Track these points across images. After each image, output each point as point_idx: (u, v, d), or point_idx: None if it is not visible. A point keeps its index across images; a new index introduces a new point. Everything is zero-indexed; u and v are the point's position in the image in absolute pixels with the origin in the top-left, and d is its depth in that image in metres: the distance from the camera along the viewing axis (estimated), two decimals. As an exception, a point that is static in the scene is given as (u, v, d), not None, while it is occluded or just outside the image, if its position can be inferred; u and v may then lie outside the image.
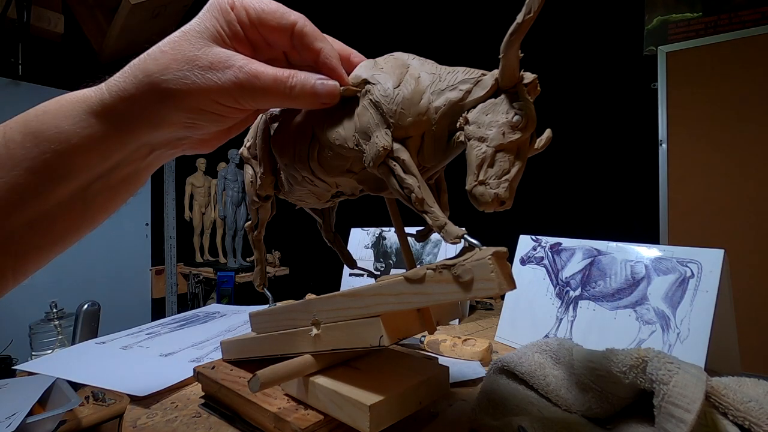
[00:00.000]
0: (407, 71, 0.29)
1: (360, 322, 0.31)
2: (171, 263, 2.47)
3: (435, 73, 0.28)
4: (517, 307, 0.65)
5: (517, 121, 0.25)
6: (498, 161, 0.25)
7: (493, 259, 0.23)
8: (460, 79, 0.27)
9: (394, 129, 0.28)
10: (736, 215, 1.52)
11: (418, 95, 0.28)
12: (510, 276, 0.24)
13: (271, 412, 0.35)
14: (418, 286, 0.27)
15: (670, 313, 0.50)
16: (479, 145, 0.25)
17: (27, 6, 1.73)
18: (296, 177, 0.36)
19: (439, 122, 0.28)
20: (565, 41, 1.78)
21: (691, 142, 1.61)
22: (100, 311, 0.75)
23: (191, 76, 0.24)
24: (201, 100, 0.25)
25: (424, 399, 0.35)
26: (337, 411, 0.33)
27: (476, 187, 0.25)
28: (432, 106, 0.27)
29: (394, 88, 0.28)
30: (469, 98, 0.27)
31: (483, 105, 0.26)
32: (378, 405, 0.30)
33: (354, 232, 0.95)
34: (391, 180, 0.28)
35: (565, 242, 0.64)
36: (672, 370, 0.27)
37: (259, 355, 0.41)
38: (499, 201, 0.25)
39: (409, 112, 0.27)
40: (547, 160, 1.77)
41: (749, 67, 1.50)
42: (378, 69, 0.29)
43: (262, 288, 0.45)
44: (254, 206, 0.41)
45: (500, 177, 0.25)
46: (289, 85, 0.26)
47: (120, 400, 0.46)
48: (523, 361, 0.38)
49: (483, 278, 0.23)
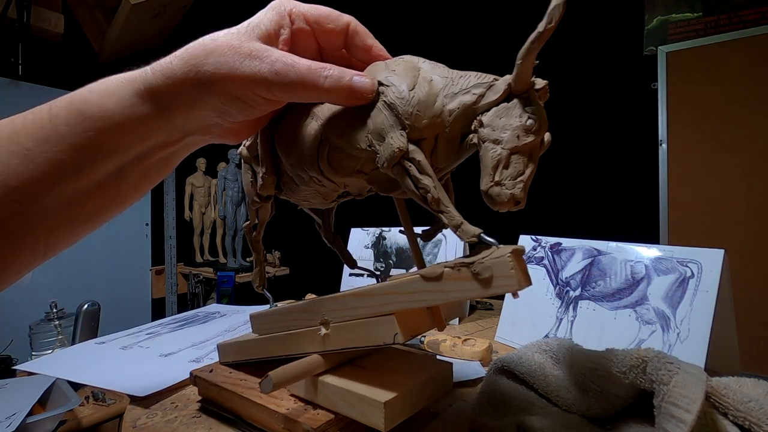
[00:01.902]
0: (419, 74, 0.29)
1: (373, 321, 0.31)
2: (171, 263, 2.47)
3: (447, 77, 0.29)
4: (517, 307, 0.65)
5: (531, 124, 0.26)
6: (513, 163, 0.26)
7: (512, 257, 0.24)
8: (474, 83, 0.28)
9: (409, 131, 0.28)
10: (736, 215, 1.52)
11: (432, 98, 0.28)
12: (527, 273, 0.25)
13: (280, 414, 0.35)
14: (436, 284, 0.27)
15: (670, 313, 0.50)
16: (494, 147, 0.26)
17: (27, 6, 1.73)
18: (303, 177, 0.36)
19: (453, 125, 0.28)
20: (565, 41, 1.78)
21: (691, 142, 1.61)
22: (100, 311, 0.75)
23: (230, 61, 0.25)
24: (236, 86, 0.26)
25: (431, 395, 0.36)
26: (350, 409, 0.33)
27: (492, 187, 0.26)
28: (446, 109, 0.28)
29: (409, 90, 0.28)
30: (483, 102, 0.27)
31: (496, 109, 0.27)
32: (392, 402, 0.31)
33: (354, 232, 0.95)
34: (406, 180, 0.29)
35: (565, 242, 0.64)
36: (672, 370, 0.27)
37: (261, 357, 0.41)
38: (514, 201, 0.26)
39: (424, 114, 0.28)
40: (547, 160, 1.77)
41: (749, 67, 1.50)
42: (390, 71, 0.30)
43: (262, 289, 0.45)
44: (254, 207, 0.41)
45: (515, 178, 0.26)
46: (324, 75, 0.27)
47: (120, 400, 0.46)
48: (523, 361, 0.38)
49: (503, 275, 0.24)
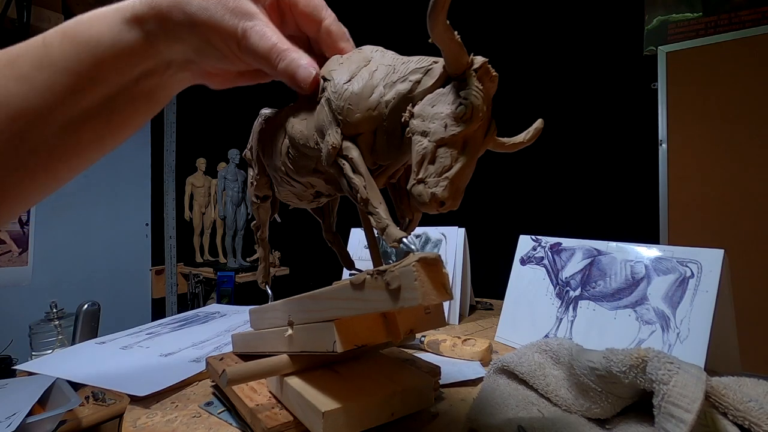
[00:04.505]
0: (366, 65, 0.27)
1: (319, 326, 0.30)
2: (171, 263, 2.47)
3: (391, 65, 0.26)
4: (517, 307, 0.65)
5: (460, 111, 0.22)
6: (439, 157, 0.23)
7: (418, 266, 0.21)
8: (411, 68, 0.25)
9: (343, 126, 0.26)
10: (736, 215, 1.52)
11: (369, 90, 0.26)
12: (441, 285, 0.21)
13: (248, 407, 0.35)
14: (360, 292, 0.24)
15: (670, 313, 0.50)
16: (420, 140, 0.23)
17: (27, 6, 1.73)
18: (276, 177, 0.36)
19: (390, 117, 0.25)
20: (565, 41, 1.78)
21: (691, 142, 1.61)
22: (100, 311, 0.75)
23: (212, 9, 0.26)
24: (210, 33, 0.27)
25: (397, 411, 0.33)
26: (301, 414, 0.32)
27: (414, 186, 0.23)
28: (383, 100, 0.25)
29: (343, 83, 0.26)
30: (419, 89, 0.24)
31: (430, 96, 0.24)
32: (333, 413, 0.29)
33: (354, 232, 0.95)
34: (341, 179, 0.27)
35: (565, 242, 0.64)
36: (672, 370, 0.27)
37: (253, 351, 0.42)
38: (437, 201, 0.23)
39: (357, 107, 0.26)
40: (547, 160, 1.77)
41: (749, 67, 1.50)
42: (338, 64, 0.28)
43: (265, 285, 0.45)
44: (254, 207, 0.42)
45: (440, 174, 0.23)
46: (279, 58, 0.28)
47: (120, 400, 0.45)
48: (523, 361, 0.38)
49: (408, 287, 0.21)
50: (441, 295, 0.21)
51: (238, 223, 2.39)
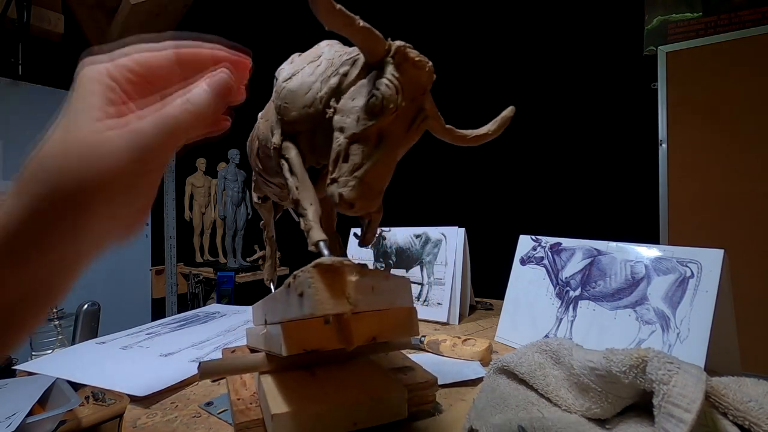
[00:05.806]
0: (314, 61, 0.25)
1: (275, 327, 0.29)
2: (171, 263, 2.47)
3: (331, 58, 0.24)
4: (517, 307, 0.65)
5: (372, 103, 0.20)
6: (351, 155, 0.21)
7: (313, 272, 0.19)
8: (343, 60, 0.23)
9: (282, 125, 0.25)
10: (736, 215, 1.52)
11: (305, 87, 0.24)
12: (341, 293, 0.19)
13: (232, 399, 0.36)
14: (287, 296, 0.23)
15: (670, 313, 0.50)
16: (337, 137, 0.21)
17: (27, 6, 1.73)
18: (258, 178, 0.37)
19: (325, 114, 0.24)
20: (565, 41, 1.78)
21: (691, 142, 1.61)
22: (100, 311, 0.75)
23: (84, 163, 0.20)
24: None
25: (361, 421, 0.32)
26: (264, 413, 0.32)
27: (328, 186, 0.21)
28: (317, 97, 0.24)
29: (282, 82, 0.25)
30: (346, 82, 0.23)
31: (353, 88, 0.22)
32: (282, 416, 0.28)
33: (354, 232, 0.95)
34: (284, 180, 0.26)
35: (565, 242, 0.64)
36: (672, 370, 0.27)
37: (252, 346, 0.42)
38: (346, 203, 0.21)
39: (293, 105, 0.24)
40: (547, 160, 1.77)
41: (749, 67, 1.50)
42: (289, 62, 0.27)
43: (270, 283, 0.45)
44: (257, 207, 0.43)
45: (351, 173, 0.21)
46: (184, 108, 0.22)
47: (120, 400, 0.46)
48: (523, 361, 0.38)
49: (307, 294, 0.19)
50: (339, 304, 0.19)
51: (238, 223, 2.39)
